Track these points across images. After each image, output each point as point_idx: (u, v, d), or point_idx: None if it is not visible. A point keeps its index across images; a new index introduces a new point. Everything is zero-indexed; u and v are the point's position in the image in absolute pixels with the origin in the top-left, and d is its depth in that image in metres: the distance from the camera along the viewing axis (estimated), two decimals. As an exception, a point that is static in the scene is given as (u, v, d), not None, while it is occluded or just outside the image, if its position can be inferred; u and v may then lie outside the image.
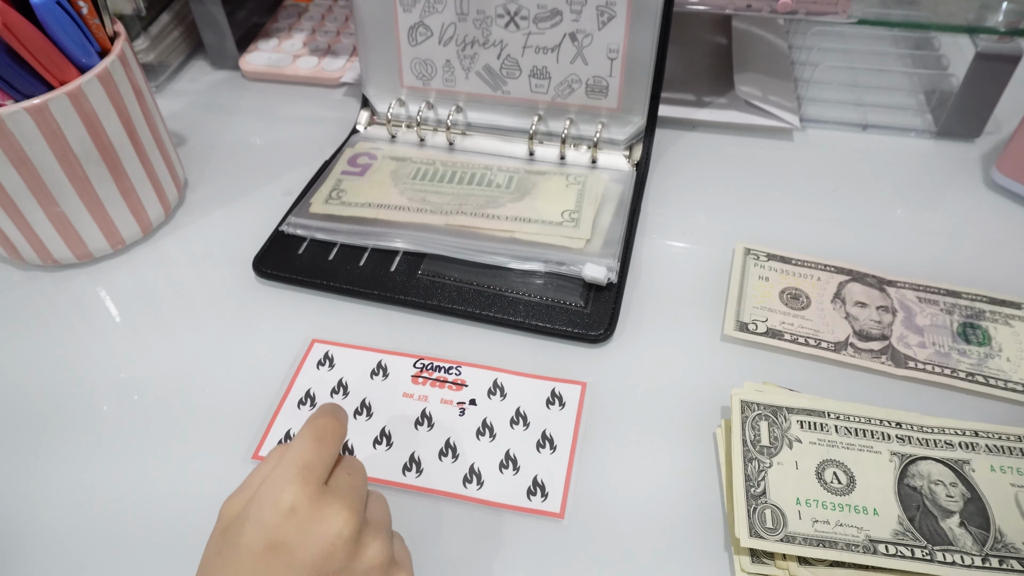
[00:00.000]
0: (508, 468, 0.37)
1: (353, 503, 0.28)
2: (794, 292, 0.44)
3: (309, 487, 0.27)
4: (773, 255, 0.46)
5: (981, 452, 0.36)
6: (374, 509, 0.30)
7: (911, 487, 0.35)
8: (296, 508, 0.27)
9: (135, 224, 0.48)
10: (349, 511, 0.28)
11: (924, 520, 0.34)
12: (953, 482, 0.35)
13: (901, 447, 0.36)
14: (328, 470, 0.29)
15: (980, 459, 0.36)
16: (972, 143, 0.55)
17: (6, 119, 0.39)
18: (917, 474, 0.35)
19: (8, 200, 0.43)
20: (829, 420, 0.37)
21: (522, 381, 0.41)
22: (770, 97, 0.56)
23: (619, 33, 0.49)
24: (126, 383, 0.42)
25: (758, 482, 0.35)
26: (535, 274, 0.45)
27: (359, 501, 0.29)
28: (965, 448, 0.36)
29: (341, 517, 0.27)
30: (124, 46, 0.44)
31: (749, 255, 0.46)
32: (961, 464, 0.35)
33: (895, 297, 0.44)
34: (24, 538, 0.35)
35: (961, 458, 0.36)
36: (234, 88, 0.64)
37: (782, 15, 0.49)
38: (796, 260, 0.46)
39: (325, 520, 0.27)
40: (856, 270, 0.45)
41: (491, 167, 0.52)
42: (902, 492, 0.35)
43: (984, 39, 0.50)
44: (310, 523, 0.27)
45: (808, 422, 0.37)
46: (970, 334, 0.42)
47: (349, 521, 0.27)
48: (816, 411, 0.37)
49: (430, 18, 0.51)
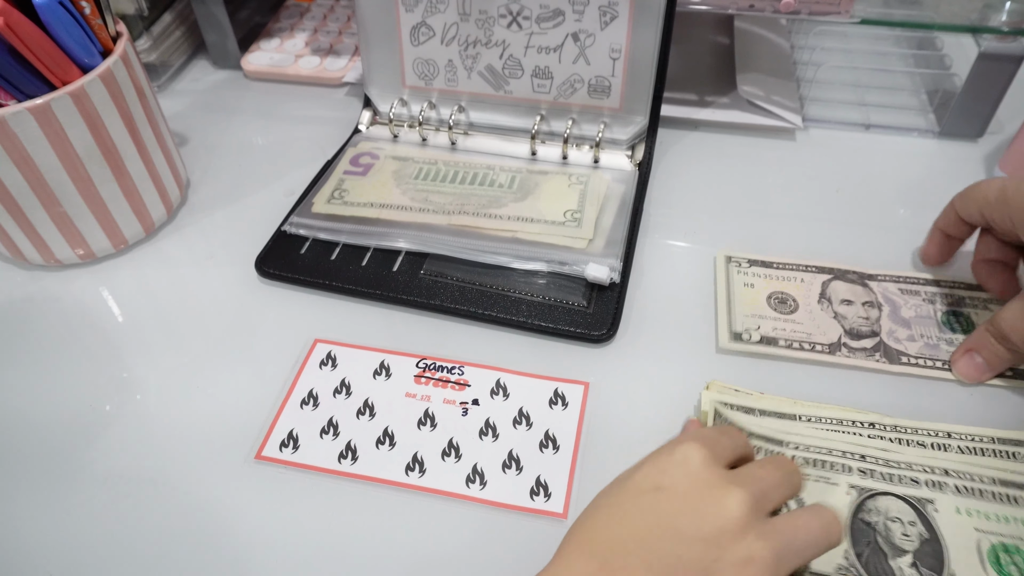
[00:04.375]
0: (511, 468, 0.37)
1: (754, 492, 0.28)
2: (781, 296, 0.44)
3: (709, 453, 0.29)
4: (754, 260, 0.46)
5: (949, 492, 0.34)
6: (788, 524, 0.29)
7: (865, 522, 0.33)
8: (689, 460, 0.29)
9: (137, 224, 0.48)
10: (745, 494, 0.28)
11: (872, 557, 0.32)
12: (912, 520, 0.33)
13: (861, 480, 0.35)
14: (731, 455, 0.31)
15: (946, 499, 0.34)
16: (975, 143, 0.55)
17: (9, 119, 0.39)
18: (874, 509, 0.34)
19: (11, 200, 0.43)
20: (787, 450, 0.36)
21: (525, 381, 0.41)
22: (773, 97, 0.56)
23: (621, 33, 0.48)
24: (128, 383, 0.42)
25: None
26: (537, 274, 0.45)
27: (762, 495, 0.29)
28: (931, 487, 0.34)
29: (735, 497, 0.28)
30: (126, 46, 0.44)
31: (731, 263, 0.46)
32: (924, 503, 0.34)
33: (878, 291, 0.44)
34: (22, 540, 0.35)
35: (925, 496, 0.34)
36: (236, 88, 0.64)
37: (785, 15, 0.49)
38: (777, 263, 0.45)
39: (716, 488, 0.28)
40: (837, 268, 0.45)
41: (493, 167, 0.52)
42: (855, 527, 0.33)
43: (987, 39, 0.50)
44: (700, 484, 0.28)
45: (765, 450, 0.36)
46: (954, 322, 0.42)
47: (742, 503, 0.28)
48: (775, 440, 0.36)
49: (432, 18, 0.51)
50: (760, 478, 0.30)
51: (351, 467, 0.37)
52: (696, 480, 0.29)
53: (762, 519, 0.29)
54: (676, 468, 0.29)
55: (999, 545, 0.32)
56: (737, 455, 0.32)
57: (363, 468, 0.37)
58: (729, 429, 0.33)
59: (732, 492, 0.28)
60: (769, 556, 0.27)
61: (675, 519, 0.28)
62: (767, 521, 0.29)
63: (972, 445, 0.36)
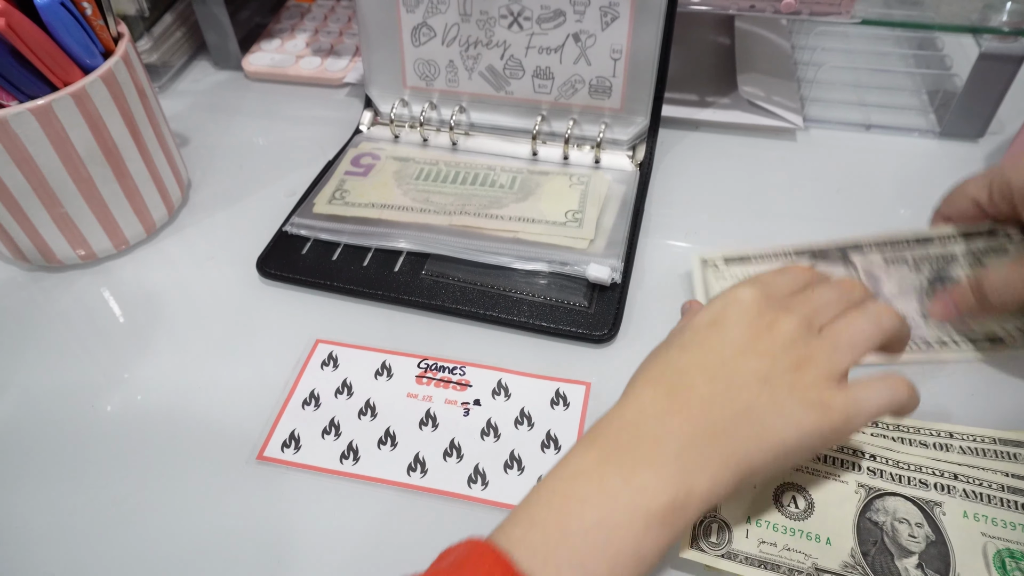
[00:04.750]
0: (513, 468, 0.37)
1: (805, 312, 0.32)
2: None
3: (760, 291, 0.32)
4: (730, 258, 0.45)
5: (957, 496, 0.34)
6: (836, 326, 0.32)
7: (872, 521, 0.33)
8: (741, 299, 0.32)
9: (139, 224, 0.48)
10: (794, 316, 0.31)
11: (878, 557, 0.32)
12: (919, 522, 0.33)
13: (870, 480, 0.35)
14: (789, 290, 0.33)
15: (954, 503, 0.34)
16: (976, 143, 0.55)
17: (10, 120, 0.39)
18: (882, 509, 0.34)
19: (12, 201, 0.43)
20: None
21: (526, 381, 0.41)
22: (773, 97, 0.56)
23: (622, 33, 0.49)
24: (130, 383, 0.42)
25: None
26: (539, 274, 0.45)
27: (813, 313, 0.32)
28: (940, 490, 0.34)
29: (785, 319, 0.31)
30: (128, 47, 0.44)
31: (707, 267, 0.45)
32: (932, 505, 0.34)
33: (861, 267, 0.43)
34: (23, 539, 0.35)
35: (934, 499, 0.34)
36: (237, 88, 0.64)
37: (785, 15, 0.49)
38: (754, 256, 0.45)
39: (766, 316, 0.31)
40: (816, 248, 0.44)
41: (494, 167, 0.52)
42: (861, 525, 0.33)
43: (988, 39, 0.50)
44: (753, 315, 0.31)
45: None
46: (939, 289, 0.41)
47: (791, 322, 0.31)
48: None
49: (433, 19, 0.51)
50: (812, 299, 0.33)
51: (353, 467, 0.37)
52: (748, 313, 0.32)
53: (815, 331, 0.32)
54: (730, 307, 0.32)
55: (1005, 551, 0.32)
56: (798, 288, 0.34)
57: (365, 468, 0.37)
58: (788, 268, 0.35)
59: (782, 316, 0.31)
60: (821, 355, 0.31)
61: (732, 345, 0.31)
62: (820, 329, 0.32)
63: (974, 446, 0.36)
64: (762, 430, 0.29)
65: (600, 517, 0.27)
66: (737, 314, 0.32)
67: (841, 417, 0.30)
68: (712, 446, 0.29)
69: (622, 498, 0.28)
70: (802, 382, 0.30)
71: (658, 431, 0.29)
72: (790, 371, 0.30)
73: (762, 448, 0.29)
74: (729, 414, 0.29)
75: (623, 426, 0.30)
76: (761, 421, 0.29)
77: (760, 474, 0.30)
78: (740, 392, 0.30)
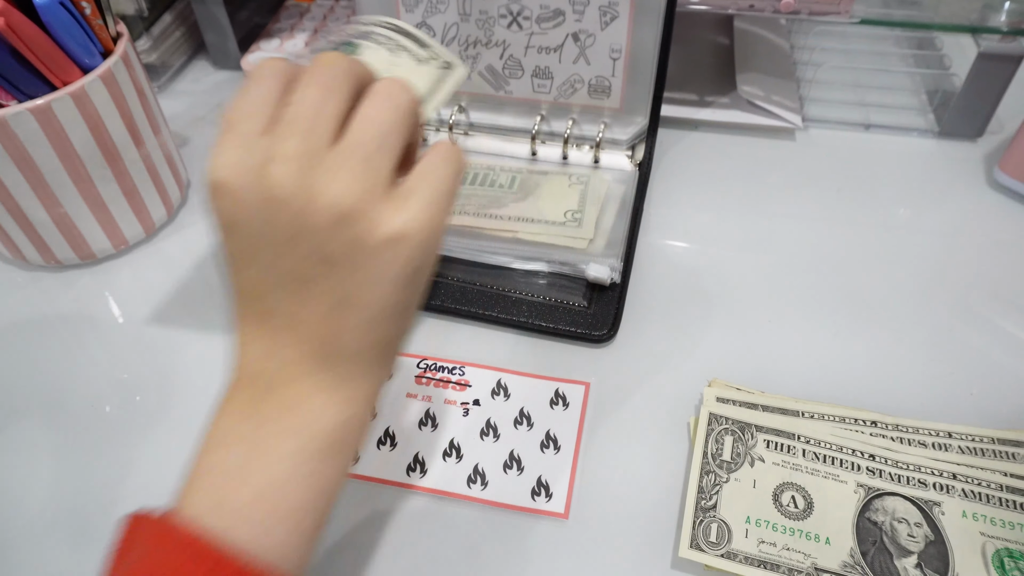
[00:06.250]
0: (512, 468, 0.37)
1: (292, 139, 0.25)
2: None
3: (238, 145, 0.27)
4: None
5: (956, 496, 0.34)
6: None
7: (872, 521, 0.34)
8: (218, 182, 0.26)
9: (138, 224, 0.48)
10: (285, 158, 0.25)
11: (877, 556, 0.32)
12: (918, 522, 0.33)
13: (869, 480, 0.35)
14: (265, 118, 0.27)
15: (953, 503, 0.34)
16: (975, 143, 0.55)
17: (10, 119, 0.39)
18: (881, 509, 0.34)
19: (11, 200, 0.43)
20: (798, 443, 0.36)
21: (526, 381, 0.41)
22: (772, 97, 0.56)
23: (622, 33, 0.48)
24: (129, 384, 0.42)
25: (711, 495, 0.35)
26: (538, 274, 0.45)
27: (306, 127, 0.25)
28: (939, 489, 0.34)
29: (280, 169, 0.25)
30: (127, 46, 0.44)
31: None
32: (931, 505, 0.34)
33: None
34: (23, 539, 0.35)
35: (933, 499, 0.34)
36: (236, 88, 0.64)
37: (784, 15, 0.49)
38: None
39: (261, 181, 0.25)
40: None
41: (494, 167, 0.52)
42: (861, 525, 0.33)
43: (986, 39, 0.50)
44: (244, 189, 0.25)
45: (775, 443, 0.36)
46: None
47: (286, 168, 0.24)
48: (785, 432, 0.37)
49: (432, 18, 0.51)
50: (300, 113, 0.26)
51: (352, 468, 0.37)
52: (239, 190, 0.25)
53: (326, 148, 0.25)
54: (217, 199, 0.26)
55: (1004, 550, 0.32)
56: (273, 101, 0.28)
57: (364, 469, 0.37)
58: (250, 82, 0.28)
59: (274, 167, 0.25)
60: (351, 179, 0.24)
61: (264, 249, 0.25)
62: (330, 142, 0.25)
63: (973, 445, 0.36)
64: (354, 308, 0.25)
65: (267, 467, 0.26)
66: (231, 205, 0.25)
67: (420, 230, 0.25)
68: (331, 357, 0.26)
69: (288, 442, 0.26)
70: (351, 231, 0.24)
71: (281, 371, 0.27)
72: (329, 227, 0.24)
73: (363, 321, 0.26)
74: (317, 315, 0.26)
75: (253, 383, 0.27)
76: (347, 300, 0.25)
77: (388, 335, 0.27)
78: (310, 286, 0.25)
